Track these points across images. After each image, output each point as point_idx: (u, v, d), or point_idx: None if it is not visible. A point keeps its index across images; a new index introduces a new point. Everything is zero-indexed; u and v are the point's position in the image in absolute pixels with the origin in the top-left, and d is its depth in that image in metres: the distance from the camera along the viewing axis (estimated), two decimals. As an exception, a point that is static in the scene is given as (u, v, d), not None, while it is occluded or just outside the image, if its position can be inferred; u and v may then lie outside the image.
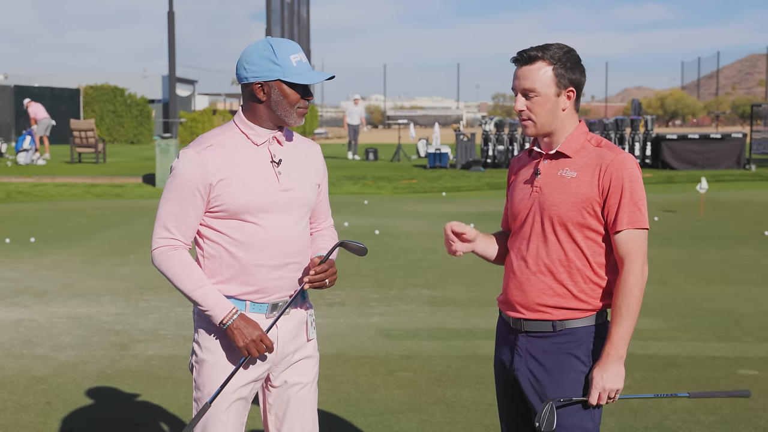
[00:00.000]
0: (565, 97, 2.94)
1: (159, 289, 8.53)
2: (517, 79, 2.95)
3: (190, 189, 2.90)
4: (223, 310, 2.91)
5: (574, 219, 2.90)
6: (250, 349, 2.91)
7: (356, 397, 5.41)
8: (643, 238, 2.89)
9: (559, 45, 2.95)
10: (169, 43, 38.10)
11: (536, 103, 2.93)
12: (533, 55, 2.91)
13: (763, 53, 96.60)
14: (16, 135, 36.26)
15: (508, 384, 3.11)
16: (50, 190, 18.94)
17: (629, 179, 2.87)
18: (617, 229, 2.88)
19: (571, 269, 2.92)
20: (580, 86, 2.97)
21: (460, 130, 25.46)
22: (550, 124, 2.95)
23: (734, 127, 51.95)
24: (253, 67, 2.91)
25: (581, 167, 2.92)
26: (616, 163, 2.87)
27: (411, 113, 73.09)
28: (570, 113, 2.97)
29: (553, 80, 2.90)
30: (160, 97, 46.93)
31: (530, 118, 2.95)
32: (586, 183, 2.90)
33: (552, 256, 2.94)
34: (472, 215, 14.14)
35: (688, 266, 9.73)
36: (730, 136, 23.47)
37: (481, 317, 7.43)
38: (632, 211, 2.86)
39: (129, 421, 5.06)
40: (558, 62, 2.90)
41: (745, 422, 4.97)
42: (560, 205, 2.91)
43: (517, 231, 3.07)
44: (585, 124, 3.02)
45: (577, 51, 2.98)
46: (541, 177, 2.99)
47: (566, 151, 2.96)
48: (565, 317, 2.94)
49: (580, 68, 2.96)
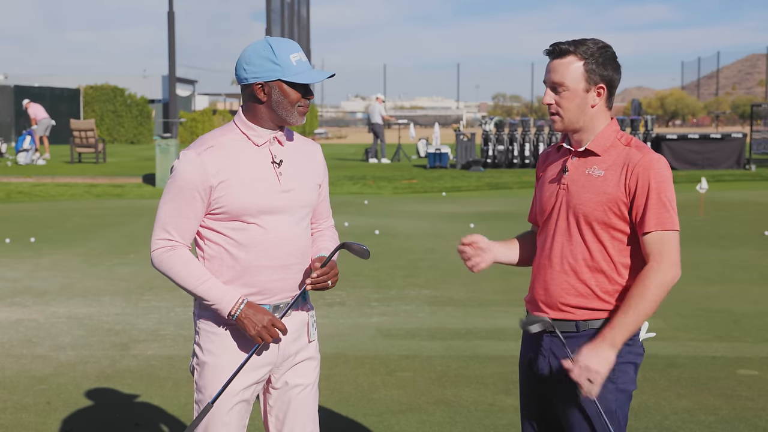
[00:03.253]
0: (594, 94, 2.89)
1: (159, 289, 8.53)
2: (548, 72, 2.91)
3: (190, 191, 2.89)
4: (230, 301, 2.90)
5: (600, 218, 2.86)
6: (263, 335, 2.89)
7: (356, 397, 5.40)
8: (673, 239, 2.81)
9: (594, 40, 2.90)
10: (169, 43, 38.09)
11: (564, 97, 2.88)
12: (565, 49, 2.87)
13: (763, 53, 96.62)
14: (16, 135, 36.25)
15: (532, 383, 3.06)
16: (50, 190, 18.93)
17: (657, 179, 2.81)
18: (645, 230, 2.81)
19: (595, 269, 2.88)
20: (613, 83, 2.91)
21: (460, 130, 25.44)
22: (578, 119, 2.90)
23: (734, 127, 51.93)
24: (252, 67, 2.91)
25: (609, 166, 2.87)
26: (644, 163, 2.82)
27: (411, 113, 73.16)
28: (600, 110, 2.91)
29: (583, 75, 2.86)
30: (160, 97, 46.91)
31: (558, 113, 2.91)
32: (614, 182, 2.84)
33: (576, 255, 2.90)
34: (472, 215, 14.14)
35: (688, 266, 9.67)
36: (730, 136, 23.47)
37: (481, 317, 7.43)
38: (660, 212, 2.80)
39: (129, 421, 5.06)
40: (590, 57, 2.86)
41: (745, 422, 4.97)
42: (586, 203, 2.87)
43: (543, 228, 3.03)
44: (617, 122, 2.96)
45: (613, 49, 2.92)
46: (569, 174, 2.94)
47: (595, 149, 2.91)
48: (588, 317, 2.89)
49: (614, 65, 2.90)
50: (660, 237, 2.80)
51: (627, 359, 2.90)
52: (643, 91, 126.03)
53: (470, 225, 12.94)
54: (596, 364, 2.76)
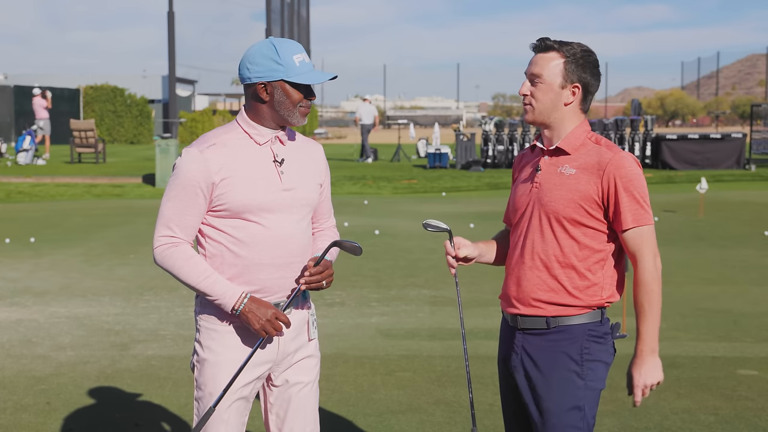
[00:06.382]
0: (569, 92, 2.96)
1: (159, 289, 8.53)
2: (530, 64, 3.00)
3: (193, 188, 2.91)
4: (233, 296, 2.91)
5: (571, 216, 2.92)
6: (267, 329, 2.91)
7: (356, 397, 5.41)
8: (649, 233, 2.92)
9: (580, 44, 2.99)
10: (169, 43, 38.09)
11: (540, 89, 2.96)
12: (549, 45, 2.96)
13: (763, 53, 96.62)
14: (16, 135, 36.24)
15: (508, 381, 3.13)
16: (50, 190, 18.94)
17: (628, 177, 2.88)
18: (623, 228, 2.90)
19: (567, 265, 2.94)
20: (589, 87, 2.98)
21: (460, 130, 25.45)
22: (549, 114, 2.98)
23: (734, 127, 51.95)
24: (256, 67, 2.92)
25: (580, 165, 2.94)
26: (615, 162, 2.89)
27: (411, 113, 73.08)
28: (573, 110, 2.99)
29: (561, 72, 2.94)
30: (160, 97, 46.89)
31: (531, 103, 2.99)
32: (585, 181, 2.91)
33: (548, 251, 2.96)
34: (472, 215, 14.14)
35: (688, 266, 9.72)
36: (730, 136, 23.47)
37: (481, 317, 7.43)
38: (635, 209, 2.89)
39: (129, 421, 5.06)
40: (571, 57, 2.94)
41: (745, 422, 4.97)
42: (557, 201, 2.94)
43: (516, 226, 3.09)
44: (588, 123, 3.04)
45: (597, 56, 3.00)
46: (541, 173, 3.01)
47: (566, 147, 2.98)
48: (558, 313, 2.95)
49: (594, 71, 2.98)
50: (639, 232, 2.90)
51: (597, 357, 2.97)
52: (643, 91, 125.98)
53: (470, 225, 12.94)
54: (651, 377, 2.93)
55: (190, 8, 46.22)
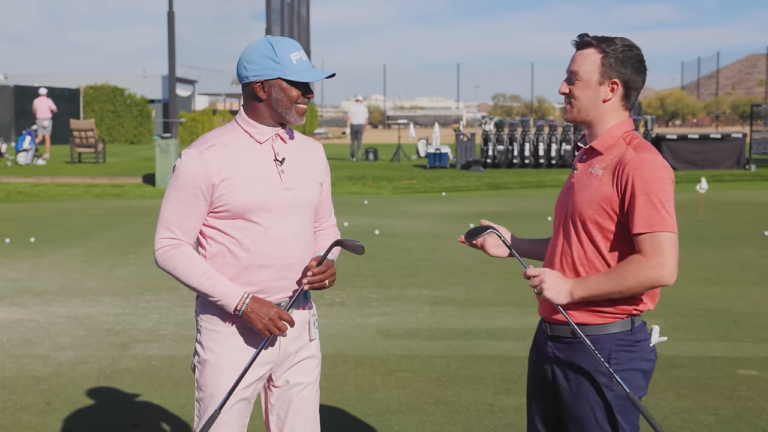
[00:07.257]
0: (608, 89, 2.86)
1: (159, 289, 8.53)
2: (570, 62, 2.93)
3: (193, 189, 2.90)
4: (235, 297, 2.91)
5: (592, 217, 2.82)
6: (270, 328, 2.90)
7: (356, 397, 5.41)
8: (666, 241, 2.71)
9: (623, 39, 2.89)
10: (169, 43, 38.09)
11: (577, 86, 2.89)
12: (587, 41, 2.89)
13: (763, 53, 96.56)
14: (16, 135, 36.24)
15: (537, 382, 3.06)
16: (50, 190, 18.94)
17: (648, 179, 2.73)
18: (634, 231, 2.74)
19: (592, 270, 2.84)
20: (629, 83, 2.87)
21: (460, 130, 25.45)
22: (588, 112, 2.89)
23: (734, 127, 51.93)
24: (253, 66, 2.92)
25: (607, 165, 2.83)
26: (635, 163, 2.75)
27: (411, 113, 73.08)
28: (614, 107, 2.88)
29: (598, 68, 2.85)
30: (160, 97, 46.88)
31: (570, 102, 2.92)
32: (606, 182, 2.81)
33: (575, 255, 2.87)
34: (472, 215, 14.14)
35: (688, 266, 9.72)
36: (730, 136, 23.48)
37: (481, 317, 7.43)
38: (650, 213, 2.71)
39: (129, 421, 5.06)
40: (611, 53, 2.85)
41: (745, 422, 4.97)
42: (582, 202, 2.84)
43: (554, 227, 3.03)
44: (630, 123, 2.92)
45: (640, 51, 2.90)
46: (577, 173, 2.93)
47: (598, 147, 2.88)
48: (585, 321, 2.85)
49: (636, 66, 2.87)
50: (651, 239, 2.72)
51: (629, 366, 2.85)
52: (643, 91, 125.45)
53: (470, 225, 12.94)
54: (550, 290, 2.80)
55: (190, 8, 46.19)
